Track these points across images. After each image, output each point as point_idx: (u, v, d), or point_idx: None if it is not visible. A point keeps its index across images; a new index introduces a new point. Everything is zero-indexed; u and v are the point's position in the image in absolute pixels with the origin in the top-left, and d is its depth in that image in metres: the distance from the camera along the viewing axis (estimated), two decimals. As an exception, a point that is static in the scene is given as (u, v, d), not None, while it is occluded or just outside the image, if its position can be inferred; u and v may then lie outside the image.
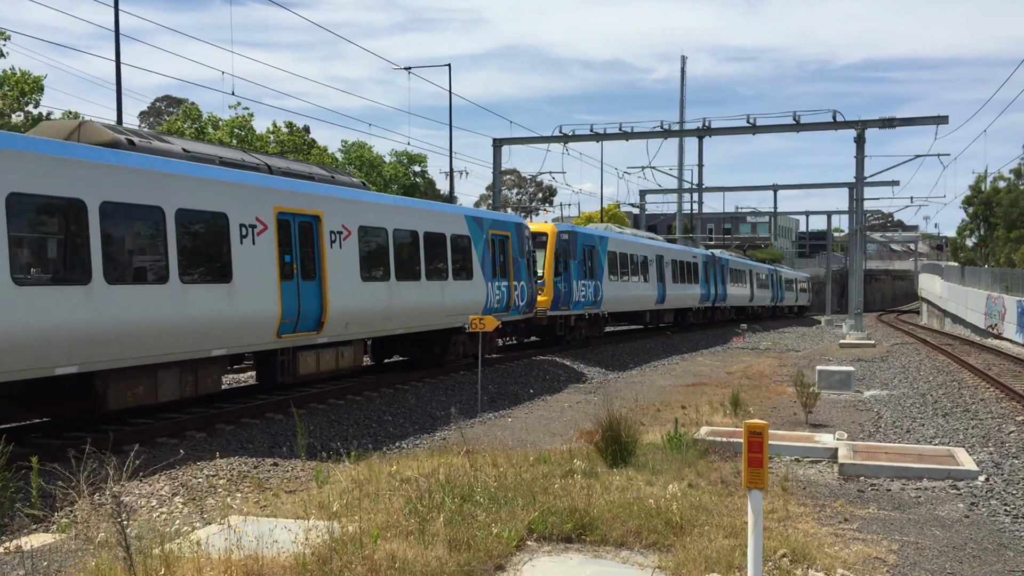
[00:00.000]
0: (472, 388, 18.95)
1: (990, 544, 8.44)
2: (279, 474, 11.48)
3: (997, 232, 72.48)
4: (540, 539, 8.01)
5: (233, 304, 13.66)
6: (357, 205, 17.18)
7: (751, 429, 6.43)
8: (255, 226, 14.25)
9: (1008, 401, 18.57)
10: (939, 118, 36.51)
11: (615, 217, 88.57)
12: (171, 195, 12.69)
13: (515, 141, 43.90)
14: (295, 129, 70.24)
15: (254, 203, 14.27)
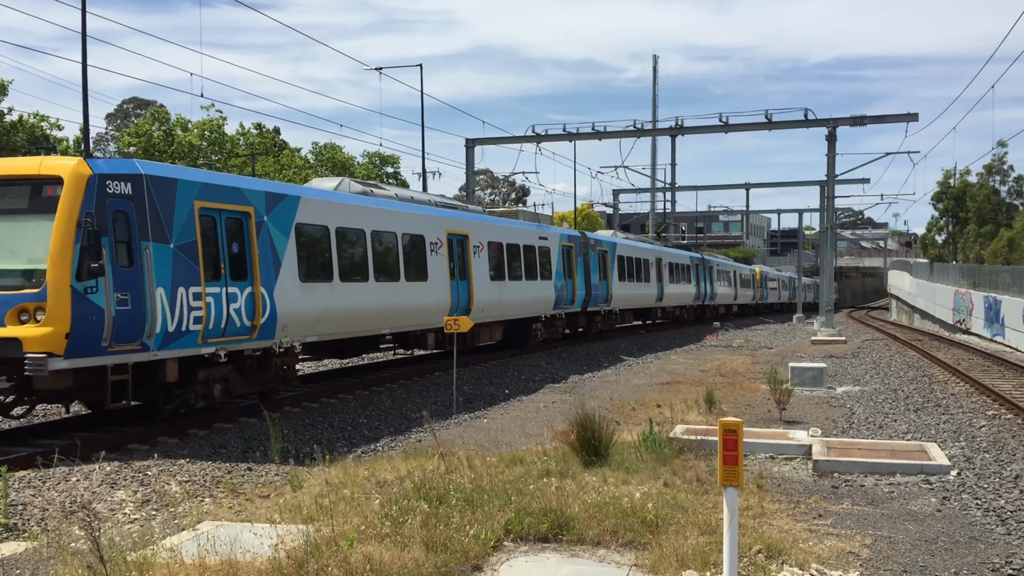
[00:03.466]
0: (447, 389, 18.92)
1: (962, 537, 8.53)
2: (253, 479, 11.39)
3: (968, 228, 73.41)
4: (517, 539, 8.00)
5: (428, 296, 20.22)
6: (485, 226, 23.69)
7: (726, 427, 6.46)
8: (437, 243, 20.77)
9: (978, 396, 18.79)
10: (909, 116, 36.83)
11: (588, 217, 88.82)
12: (399, 223, 19.28)
13: (488, 141, 43.84)
14: (265, 131, 69.83)
15: (436, 228, 20.85)
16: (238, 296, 14.07)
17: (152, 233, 12.53)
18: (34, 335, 11.17)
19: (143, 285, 12.28)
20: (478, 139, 43.50)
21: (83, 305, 11.48)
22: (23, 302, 11.36)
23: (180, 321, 12.84)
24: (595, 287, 31.61)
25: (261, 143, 66.09)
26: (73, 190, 11.63)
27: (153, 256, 12.49)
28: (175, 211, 12.95)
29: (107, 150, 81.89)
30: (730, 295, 57.80)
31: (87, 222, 11.52)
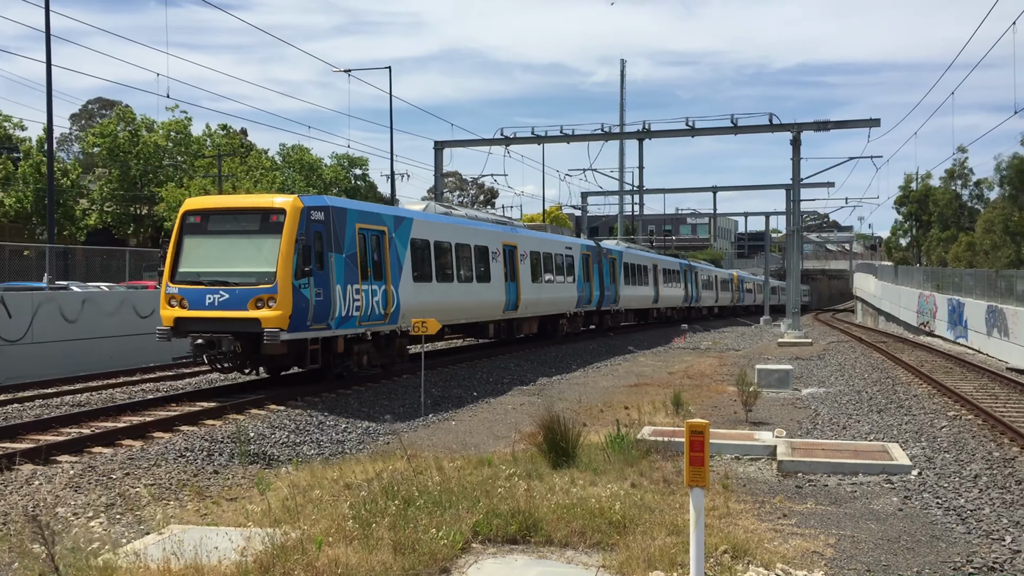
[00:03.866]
0: (416, 392, 18.88)
1: (923, 536, 8.66)
2: (219, 482, 11.30)
3: (931, 231, 74.43)
4: (485, 541, 8.01)
5: (490, 294, 25.44)
6: (528, 238, 29.17)
7: (693, 428, 6.51)
8: (496, 252, 25.95)
9: (940, 397, 19.08)
10: (872, 121, 37.36)
11: (557, 219, 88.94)
12: (472, 237, 24.55)
13: (457, 144, 43.85)
14: (232, 132, 69.29)
15: (495, 240, 26.15)
16: (378, 292, 19.15)
17: (334, 246, 17.52)
18: (269, 316, 16.02)
19: (330, 283, 17.28)
20: (447, 141, 43.49)
21: (298, 296, 16.35)
22: (260, 294, 16.18)
23: (348, 309, 17.91)
24: (607, 289, 37.06)
25: (228, 144, 65.56)
26: (292, 218, 16.53)
27: (334, 263, 17.49)
28: (346, 231, 18.02)
29: (71, 151, 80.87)
30: (712, 297, 63.60)
31: (301, 239, 16.44)
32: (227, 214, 17.50)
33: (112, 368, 22.80)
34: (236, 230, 17.21)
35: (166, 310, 16.93)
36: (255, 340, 16.34)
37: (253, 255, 16.77)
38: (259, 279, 16.33)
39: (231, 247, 17.17)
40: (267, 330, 15.89)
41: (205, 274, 16.82)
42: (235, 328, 16.34)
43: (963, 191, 72.35)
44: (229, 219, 17.41)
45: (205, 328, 16.48)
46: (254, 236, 16.92)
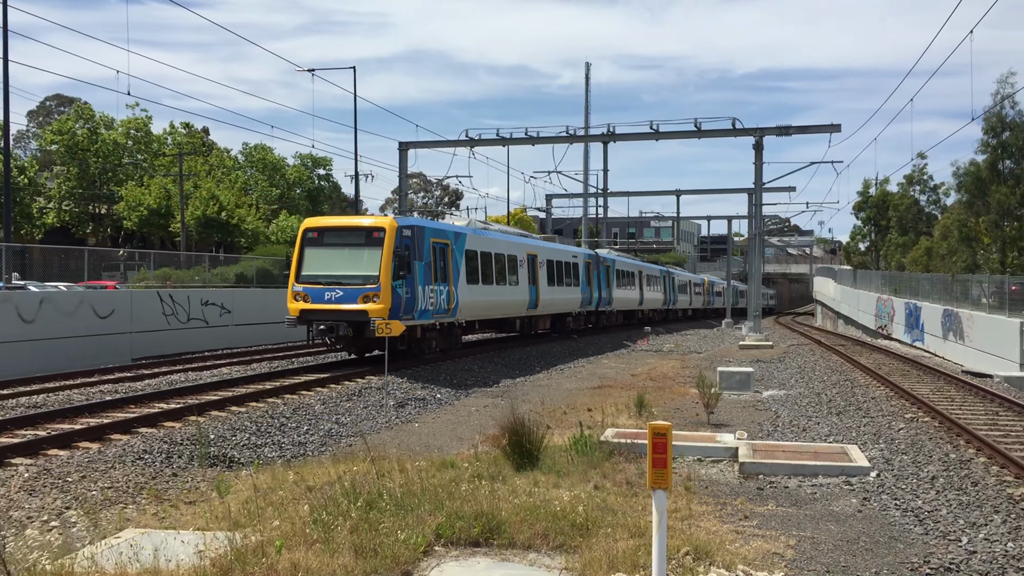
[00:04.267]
0: (379, 394, 18.79)
1: (882, 537, 8.76)
2: (178, 485, 11.15)
3: (890, 236, 75.51)
4: (447, 544, 7.98)
5: (517, 295, 30.37)
6: (545, 248, 34.56)
7: (655, 430, 6.53)
8: (522, 261, 30.97)
9: (897, 399, 19.34)
10: (832, 126, 37.74)
11: (522, 222, 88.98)
12: (505, 248, 29.52)
13: (421, 145, 43.68)
14: (193, 131, 68.54)
15: (521, 250, 31.23)
16: (443, 291, 24.00)
17: (417, 255, 22.47)
18: (374, 308, 20.85)
19: (415, 284, 22.22)
20: (411, 142, 43.32)
21: (395, 294, 21.27)
22: (367, 292, 21.07)
23: (426, 304, 22.85)
24: (603, 293, 42.20)
25: (189, 143, 64.85)
26: (390, 234, 21.54)
27: (418, 269, 22.35)
28: (424, 244, 22.97)
29: (28, 148, 79.48)
30: (687, 301, 68.55)
31: (397, 250, 21.48)
32: (339, 231, 22.55)
33: (70, 369, 22.45)
34: (347, 243, 22.19)
35: (293, 303, 21.78)
36: (363, 327, 21.10)
37: (361, 262, 21.65)
38: (366, 280, 21.28)
39: (343, 256, 22.06)
40: (372, 319, 20.56)
41: (323, 276, 21.67)
42: (348, 318, 21.18)
43: (921, 197, 73.54)
44: (341, 234, 22.45)
45: (324, 318, 21.35)
46: (361, 248, 21.83)
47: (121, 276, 36.59)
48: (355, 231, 22.24)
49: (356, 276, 21.41)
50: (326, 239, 22.34)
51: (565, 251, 37.55)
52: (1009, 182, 46.25)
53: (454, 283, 24.75)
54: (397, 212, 40.08)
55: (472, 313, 26.47)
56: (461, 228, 27.55)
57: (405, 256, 21.89)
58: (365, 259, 21.56)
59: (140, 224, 56.81)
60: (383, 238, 21.46)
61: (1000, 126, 46.52)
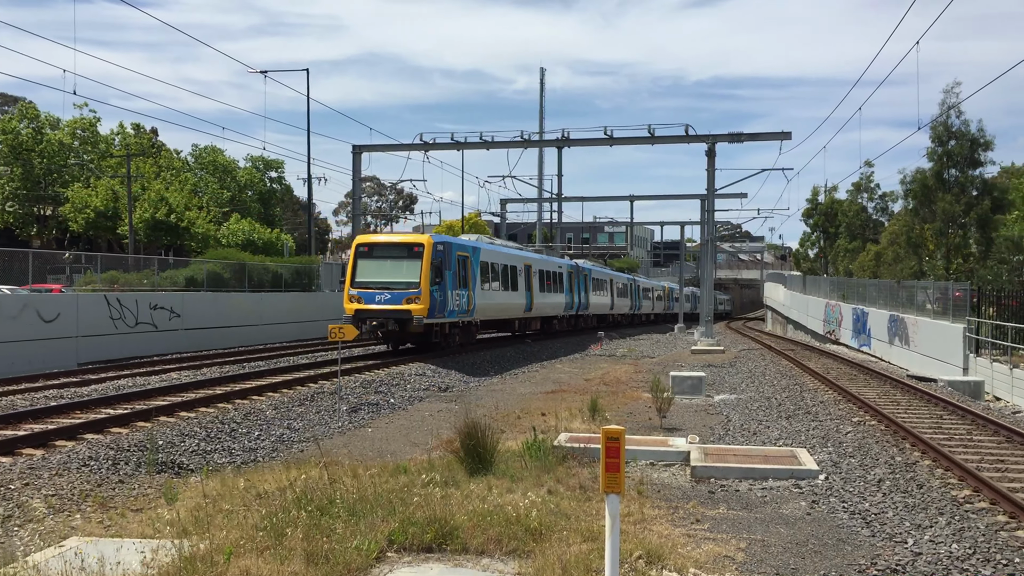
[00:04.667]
0: (331, 399, 18.64)
1: (830, 539, 8.89)
2: (125, 492, 10.94)
3: (838, 243, 76.73)
4: (400, 550, 7.93)
5: (518, 299, 35.38)
6: (537, 260, 39.46)
7: (608, 435, 6.55)
8: (521, 270, 35.67)
9: (845, 403, 19.64)
10: (783, 134, 38.27)
11: (476, 226, 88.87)
12: (507, 259, 34.23)
13: (375, 148, 43.45)
14: (142, 131, 67.45)
15: (520, 261, 36.00)
16: (464, 295, 29.02)
17: (447, 266, 27.36)
18: (416, 308, 25.76)
19: (446, 289, 27.14)
20: (365, 146, 43.07)
21: (432, 297, 26.13)
22: (410, 295, 25.90)
23: (453, 305, 27.90)
24: (581, 299, 47.15)
25: (138, 144, 63.80)
26: (428, 249, 26.42)
27: (447, 276, 27.19)
28: (452, 257, 27.96)
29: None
30: (650, 306, 74.07)
31: (434, 261, 26.37)
32: (387, 246, 27.72)
33: (14, 374, 21.95)
34: (393, 255, 27.06)
35: (348, 304, 26.55)
36: (406, 323, 26.07)
37: (404, 271, 26.56)
38: (409, 286, 26.19)
39: (390, 266, 26.88)
40: (415, 317, 25.82)
41: (374, 283, 26.52)
42: (394, 316, 26.09)
43: (869, 204, 74.87)
44: (388, 249, 27.47)
45: (375, 316, 26.21)
46: (404, 259, 26.72)
47: (67, 279, 35.86)
48: (400, 246, 27.48)
49: (401, 282, 26.37)
50: (375, 252, 27.31)
51: (552, 262, 42.92)
52: (954, 190, 47.28)
53: (472, 288, 29.91)
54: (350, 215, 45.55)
55: (484, 314, 32.06)
56: (477, 243, 32.34)
57: (439, 266, 26.89)
58: (409, 269, 26.52)
59: (87, 226, 55.74)
60: (422, 252, 26.52)
61: (946, 135, 47.53)
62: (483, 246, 32.23)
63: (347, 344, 30.44)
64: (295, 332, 38.09)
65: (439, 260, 26.98)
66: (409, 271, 26.44)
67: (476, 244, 31.74)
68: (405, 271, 26.51)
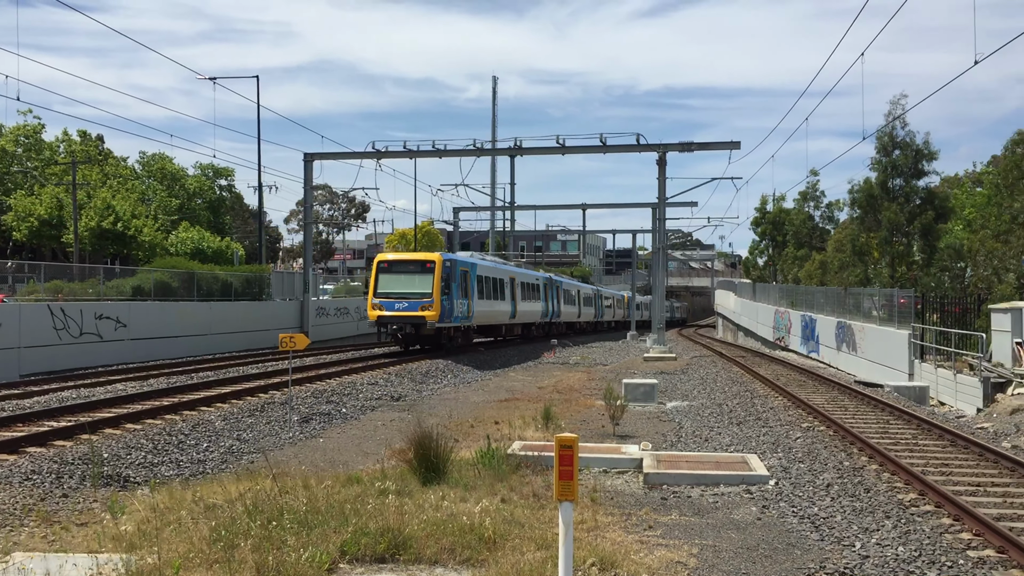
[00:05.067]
0: (282, 409, 18.43)
1: (780, 544, 8.99)
2: (69, 506, 10.70)
3: (786, 251, 77.84)
4: (353, 560, 7.85)
5: (506, 307, 40.54)
6: (520, 273, 44.14)
7: (562, 443, 6.56)
8: (507, 282, 40.71)
9: (794, 409, 19.91)
10: (732, 144, 38.75)
11: (429, 234, 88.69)
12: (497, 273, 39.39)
13: (327, 156, 43.18)
14: (88, 138, 66.26)
15: (507, 275, 40.90)
16: (466, 304, 33.73)
17: (453, 279, 32.08)
18: (429, 314, 30.58)
19: (452, 298, 31.81)
20: (317, 154, 42.79)
21: (441, 304, 30.77)
22: (424, 303, 30.56)
23: (457, 312, 32.38)
24: (555, 307, 52.31)
25: (84, 151, 62.64)
26: (439, 265, 31.17)
27: (453, 287, 31.87)
28: (456, 271, 32.61)
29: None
30: (611, 313, 79.17)
31: (443, 275, 31.07)
32: (403, 262, 32.62)
33: (-49, 386, 21.36)
34: (409, 270, 31.94)
35: (372, 312, 31.69)
36: (421, 327, 31.47)
37: (419, 283, 31.46)
38: (423, 296, 31.13)
39: (406, 279, 31.71)
40: (428, 322, 31.07)
41: (393, 293, 31.41)
42: (411, 321, 31.23)
43: (815, 212, 76.07)
44: (404, 265, 32.38)
45: (395, 321, 31.41)
46: (419, 274, 31.67)
47: (9, 289, 35.07)
48: (415, 262, 32.41)
49: (416, 293, 31.24)
50: (394, 268, 32.16)
51: (532, 275, 48.34)
52: (899, 200, 48.23)
53: (472, 298, 34.80)
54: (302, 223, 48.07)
55: (480, 320, 36.75)
56: (474, 260, 37.09)
57: (447, 279, 31.89)
58: (423, 281, 31.46)
59: (30, 235, 54.51)
60: (434, 267, 31.52)
61: (891, 145, 48.50)
62: (479, 262, 37.25)
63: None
64: (245, 342, 37.63)
65: (447, 274, 31.94)
66: (423, 283, 31.39)
67: (474, 260, 36.68)
68: (419, 283, 31.44)
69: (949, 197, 52.02)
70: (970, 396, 22.35)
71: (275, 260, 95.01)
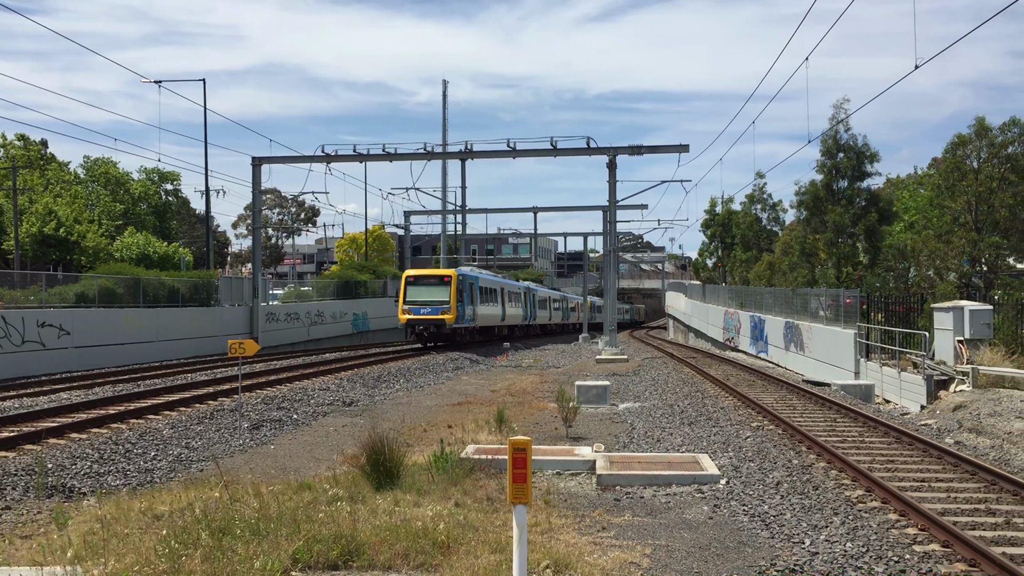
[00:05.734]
0: (232, 416, 18.18)
1: (731, 542, 9.09)
2: (11, 518, 10.44)
3: (734, 252, 78.74)
4: (305, 568, 7.77)
5: (498, 311, 50.44)
6: (507, 284, 54.55)
7: (515, 446, 6.57)
8: (498, 291, 50.81)
9: (744, 409, 20.15)
10: (681, 147, 39.13)
11: (380, 238, 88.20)
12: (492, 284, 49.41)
13: (276, 160, 42.76)
14: (30, 143, 64.85)
15: (498, 285, 51.08)
16: (472, 309, 42.89)
17: (464, 288, 41.69)
18: (447, 318, 39.94)
19: (464, 304, 41.46)
20: (265, 158, 42.34)
21: (457, 310, 40.45)
22: (443, 308, 39.90)
23: (466, 315, 42.01)
24: (531, 312, 61.45)
25: (25, 155, 61.28)
26: (454, 278, 40.72)
27: (464, 296, 41.66)
28: (466, 283, 42.23)
29: None
30: (576, 316, 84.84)
31: (457, 286, 40.70)
32: (427, 277, 41.16)
33: None
34: (430, 283, 40.44)
35: (402, 316, 40.24)
36: (441, 327, 39.72)
37: (439, 293, 39.93)
38: (443, 303, 39.52)
39: (428, 290, 40.13)
40: (447, 324, 39.50)
41: (419, 301, 39.75)
42: (433, 323, 39.59)
43: (762, 214, 77.06)
44: (427, 279, 40.82)
45: (421, 323, 39.67)
46: (438, 286, 40.20)
47: (-53, 296, 34.10)
48: (436, 277, 41.30)
49: (437, 300, 40.02)
50: (419, 281, 40.91)
51: (516, 285, 57.86)
52: (843, 202, 49.05)
53: (476, 304, 44.06)
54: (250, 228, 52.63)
55: (481, 322, 45.74)
56: (477, 273, 46.50)
57: (460, 290, 40.80)
58: (442, 292, 40.23)
59: (-31, 241, 53.17)
60: (451, 280, 40.48)
61: (835, 148, 49.32)
62: (480, 275, 46.65)
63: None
64: (194, 349, 37.07)
65: (460, 286, 40.83)
66: (442, 293, 40.16)
67: (476, 274, 45.91)
68: (439, 293, 40.19)
69: (892, 199, 53.06)
70: (914, 394, 22.81)
71: (223, 265, 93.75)
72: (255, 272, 43.62)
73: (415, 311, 39.67)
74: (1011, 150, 39.12)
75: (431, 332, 40.16)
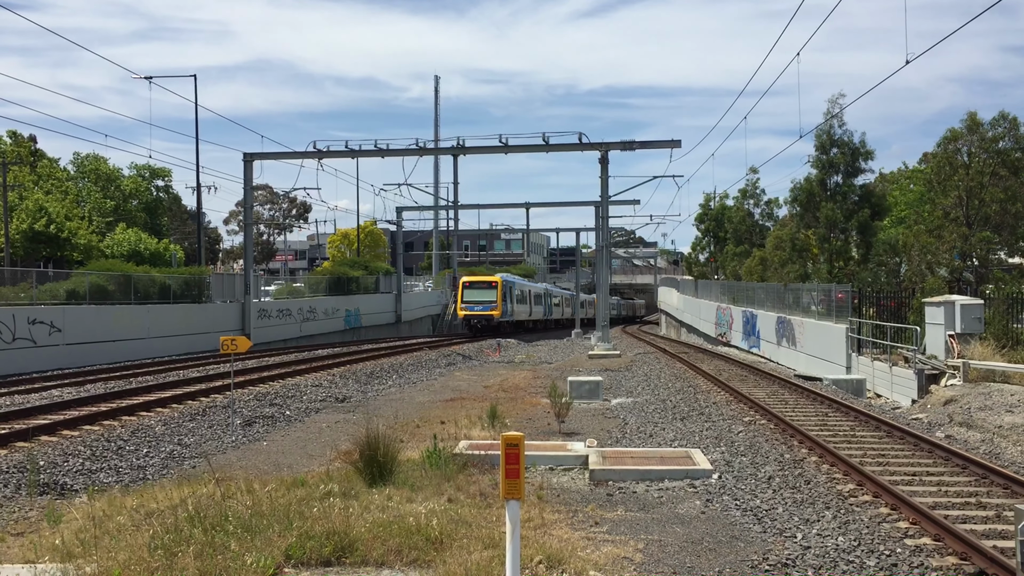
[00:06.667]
0: (224, 412, 18.16)
1: (724, 537, 9.12)
2: (4, 515, 10.42)
3: (727, 247, 78.80)
4: (298, 564, 7.77)
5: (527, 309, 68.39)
6: (533, 286, 73.36)
7: (508, 441, 6.57)
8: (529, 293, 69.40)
9: (736, 403, 20.21)
10: (673, 142, 39.11)
11: (372, 234, 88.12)
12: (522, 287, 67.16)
13: (267, 156, 42.65)
14: (20, 139, 64.58)
15: (528, 287, 69.77)
16: (510, 307, 60.17)
17: (505, 290, 58.86)
18: (495, 313, 57.23)
19: (506, 303, 59.00)
20: (257, 154, 42.25)
21: (503, 307, 58.04)
22: (492, 306, 57.18)
23: (508, 312, 59.68)
24: (547, 309, 73.32)
25: (15, 152, 61.02)
26: (500, 283, 58.48)
27: (506, 296, 59.07)
28: (507, 286, 59.42)
29: None
30: (583, 312, 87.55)
31: (502, 289, 58.14)
32: (479, 282, 58.14)
33: None
34: (482, 287, 57.28)
35: (460, 312, 57.25)
36: (490, 321, 56.31)
37: (488, 295, 56.77)
38: (491, 303, 56.53)
39: (480, 292, 56.78)
40: (495, 318, 56.36)
41: (474, 301, 56.61)
42: (485, 318, 56.37)
43: (755, 210, 77.13)
44: (479, 283, 57.86)
45: (475, 318, 56.56)
46: (488, 289, 57.08)
47: (-63, 294, 33.95)
48: (486, 281, 56.91)
49: (488, 300, 55.21)
50: (473, 285, 56.61)
51: (538, 286, 73.16)
52: (836, 198, 49.12)
53: (512, 303, 57.39)
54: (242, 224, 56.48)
55: (515, 317, 59.48)
56: (512, 278, 60.44)
57: (504, 292, 54.74)
58: (491, 293, 55.29)
59: (-41, 238, 52.95)
60: (497, 285, 55.80)
61: (829, 143, 49.37)
62: (516, 280, 62.51)
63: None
64: (185, 345, 36.99)
65: (504, 289, 56.27)
66: (491, 295, 56.07)
67: (513, 279, 61.15)
68: (489, 295, 56.04)
69: (885, 195, 53.18)
70: (905, 388, 22.90)
71: (215, 262, 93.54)
72: (247, 268, 43.53)
73: (471, 308, 56.35)
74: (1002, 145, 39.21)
75: (483, 325, 55.88)
